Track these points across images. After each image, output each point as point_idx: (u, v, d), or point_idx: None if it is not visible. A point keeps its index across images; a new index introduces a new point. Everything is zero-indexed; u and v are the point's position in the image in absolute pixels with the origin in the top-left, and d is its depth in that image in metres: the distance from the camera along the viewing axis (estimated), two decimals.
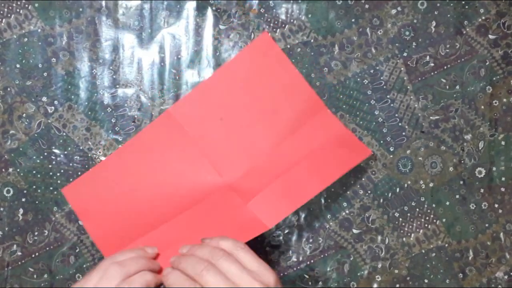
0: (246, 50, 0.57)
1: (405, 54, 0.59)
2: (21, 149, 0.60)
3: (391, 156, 0.60)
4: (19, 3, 0.60)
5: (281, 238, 0.60)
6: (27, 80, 0.60)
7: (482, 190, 0.59)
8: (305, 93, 0.57)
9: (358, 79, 0.60)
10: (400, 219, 0.60)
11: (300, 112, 0.57)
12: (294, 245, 0.60)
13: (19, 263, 0.60)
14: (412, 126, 0.59)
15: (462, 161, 0.59)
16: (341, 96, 0.60)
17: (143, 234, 0.56)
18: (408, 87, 0.59)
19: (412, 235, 0.59)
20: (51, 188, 0.60)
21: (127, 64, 0.60)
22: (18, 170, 0.60)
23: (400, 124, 0.60)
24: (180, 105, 0.57)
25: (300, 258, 0.60)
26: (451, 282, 0.59)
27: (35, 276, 0.60)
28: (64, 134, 0.60)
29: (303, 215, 0.60)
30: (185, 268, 0.46)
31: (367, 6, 0.59)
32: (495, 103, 0.59)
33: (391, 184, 0.59)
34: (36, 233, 0.60)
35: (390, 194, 0.60)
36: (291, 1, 0.60)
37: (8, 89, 0.60)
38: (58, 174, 0.60)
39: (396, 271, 0.59)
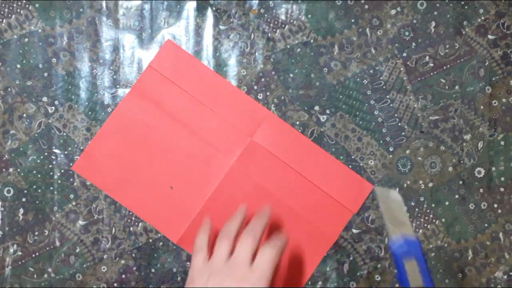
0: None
1: (404, 55, 0.60)
2: (21, 149, 0.60)
3: (391, 156, 0.60)
4: (19, 3, 0.60)
5: None
6: (27, 80, 0.60)
7: (481, 190, 0.60)
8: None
9: (358, 79, 0.60)
10: None
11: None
12: None
13: (19, 263, 0.60)
14: (412, 126, 0.60)
15: (462, 161, 0.60)
16: (340, 96, 0.60)
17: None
18: (408, 87, 0.60)
19: None
20: (51, 188, 0.60)
21: (128, 64, 0.60)
22: (19, 170, 0.60)
23: (399, 124, 0.60)
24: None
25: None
26: (450, 282, 0.59)
27: (35, 276, 0.60)
28: (65, 134, 0.60)
29: None
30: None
31: (366, 6, 0.59)
32: (495, 103, 0.59)
33: (390, 184, 0.60)
34: (36, 233, 0.60)
35: None
36: (291, 1, 0.60)
37: (9, 89, 0.60)
38: (58, 174, 0.60)
39: (396, 271, 0.59)
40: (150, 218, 0.59)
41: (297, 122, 0.60)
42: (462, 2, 0.59)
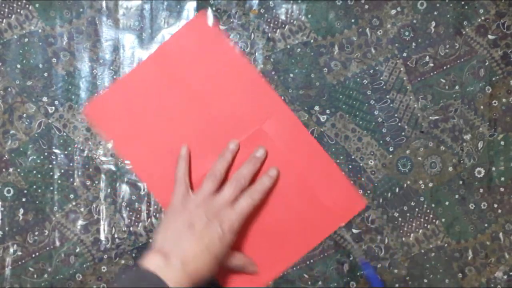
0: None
1: (404, 55, 0.59)
2: (21, 149, 0.60)
3: (391, 156, 0.60)
4: (19, 3, 0.60)
5: None
6: (27, 80, 0.60)
7: (481, 190, 0.59)
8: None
9: (358, 79, 0.60)
10: (400, 219, 0.60)
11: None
12: None
13: (19, 263, 0.60)
14: (412, 126, 0.60)
15: (462, 161, 0.59)
16: (340, 96, 0.60)
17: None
18: (408, 87, 0.60)
19: (412, 235, 0.60)
20: (51, 188, 0.60)
21: (128, 64, 0.60)
22: (19, 170, 0.60)
23: (399, 124, 0.60)
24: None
25: (300, 258, 0.60)
26: (450, 282, 0.59)
27: (35, 276, 0.60)
28: (65, 134, 0.60)
29: None
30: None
31: (366, 6, 0.59)
32: (495, 103, 0.59)
33: (390, 184, 0.60)
34: (36, 233, 0.60)
35: (389, 194, 0.60)
36: (291, 1, 0.60)
37: (9, 89, 0.60)
38: (58, 174, 0.60)
39: (396, 271, 0.59)
40: (146, 179, 0.59)
41: None
42: (462, 2, 0.59)
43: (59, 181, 0.60)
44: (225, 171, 0.56)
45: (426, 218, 0.59)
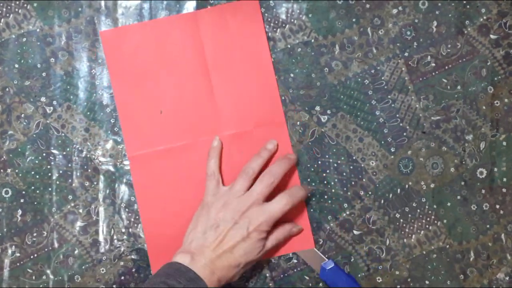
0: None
1: (406, 54, 0.59)
2: (19, 149, 0.60)
3: (392, 156, 0.59)
4: (18, 2, 0.60)
5: None
6: (25, 80, 0.60)
7: (483, 191, 0.59)
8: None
9: (359, 79, 0.59)
10: (401, 220, 0.59)
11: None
12: None
13: (18, 264, 0.60)
14: (413, 127, 0.59)
15: (463, 162, 0.59)
16: (341, 97, 0.59)
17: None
18: (409, 87, 0.59)
19: (413, 236, 0.59)
20: (49, 189, 0.60)
21: None
22: (17, 170, 0.60)
23: (401, 124, 0.59)
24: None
25: (301, 260, 0.59)
26: (452, 284, 0.59)
27: (33, 277, 0.60)
28: (63, 134, 0.60)
29: None
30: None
31: (368, 5, 0.59)
32: (497, 103, 0.59)
33: (392, 185, 0.59)
34: (34, 234, 0.60)
35: (391, 195, 0.59)
36: (292, 0, 0.59)
37: (7, 89, 0.60)
38: (57, 174, 0.60)
39: (397, 273, 0.59)
40: (126, 126, 0.59)
41: (298, 123, 0.59)
42: (464, 2, 0.59)
43: (57, 182, 0.60)
44: (259, 169, 0.56)
45: (428, 219, 0.59)
